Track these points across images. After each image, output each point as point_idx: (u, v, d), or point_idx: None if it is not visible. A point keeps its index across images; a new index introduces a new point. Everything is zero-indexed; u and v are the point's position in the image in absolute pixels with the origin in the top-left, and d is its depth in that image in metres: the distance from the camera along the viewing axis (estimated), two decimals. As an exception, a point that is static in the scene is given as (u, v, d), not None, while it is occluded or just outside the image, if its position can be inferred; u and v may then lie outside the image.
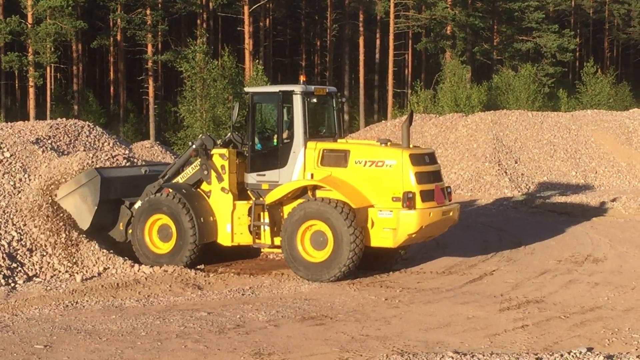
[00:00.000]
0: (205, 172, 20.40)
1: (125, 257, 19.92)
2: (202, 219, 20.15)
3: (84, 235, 20.02)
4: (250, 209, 20.03)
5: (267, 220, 19.85)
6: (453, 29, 74.62)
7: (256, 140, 20.34)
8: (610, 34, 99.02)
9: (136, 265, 19.59)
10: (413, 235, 18.93)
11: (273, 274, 19.79)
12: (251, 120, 20.32)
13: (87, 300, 16.86)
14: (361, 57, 75.03)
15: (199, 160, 20.58)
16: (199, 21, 74.33)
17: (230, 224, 20.24)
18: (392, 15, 72.70)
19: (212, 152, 20.40)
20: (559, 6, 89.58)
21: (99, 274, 19.11)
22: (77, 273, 18.90)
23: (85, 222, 20.81)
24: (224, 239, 20.44)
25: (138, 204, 21.06)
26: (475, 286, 18.65)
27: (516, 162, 38.35)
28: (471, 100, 58.43)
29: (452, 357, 12.38)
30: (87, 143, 23.81)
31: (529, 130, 42.39)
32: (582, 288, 18.31)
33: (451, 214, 19.87)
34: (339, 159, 19.42)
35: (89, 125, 24.35)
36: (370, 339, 14.04)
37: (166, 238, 20.43)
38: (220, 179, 20.27)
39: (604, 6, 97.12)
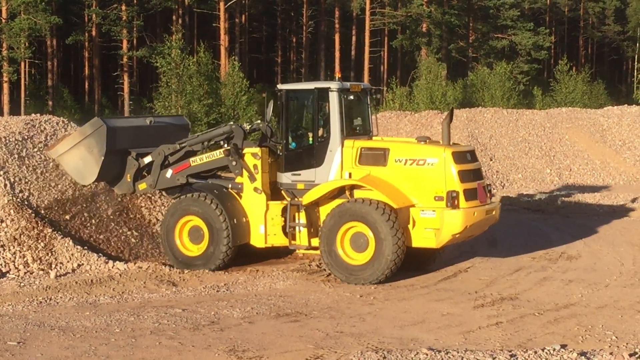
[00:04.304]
0: (234, 163, 20.01)
1: (100, 254, 19.83)
2: (235, 220, 19.74)
3: (58, 232, 19.92)
4: (283, 209, 19.62)
5: (302, 221, 19.42)
6: (429, 26, 74.73)
7: (290, 138, 19.86)
8: (585, 32, 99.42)
9: (110, 262, 19.49)
10: (457, 235, 18.52)
11: (248, 271, 19.75)
12: (285, 118, 19.72)
13: (60, 297, 16.78)
14: (337, 54, 74.98)
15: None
16: (174, 17, 74.14)
17: (264, 225, 19.75)
18: (367, 12, 72.73)
19: (244, 151, 19.94)
20: (534, 4, 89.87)
21: (73, 270, 19.02)
22: (51, 269, 18.81)
23: (91, 175, 20.94)
24: (257, 240, 19.98)
25: (148, 158, 21.08)
26: (449, 283, 18.69)
27: (491, 160, 38.51)
28: (447, 98, 58.52)
29: (427, 354, 12.39)
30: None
31: (504, 127, 42.57)
32: (556, 285, 18.39)
33: (494, 212, 19.57)
34: (378, 157, 18.94)
35: (63, 121, 24.21)
36: (345, 335, 14.04)
37: (197, 240, 20.07)
38: (252, 178, 19.83)
39: (579, 4, 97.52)
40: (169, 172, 21.02)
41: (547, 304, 16.48)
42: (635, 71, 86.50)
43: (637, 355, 12.33)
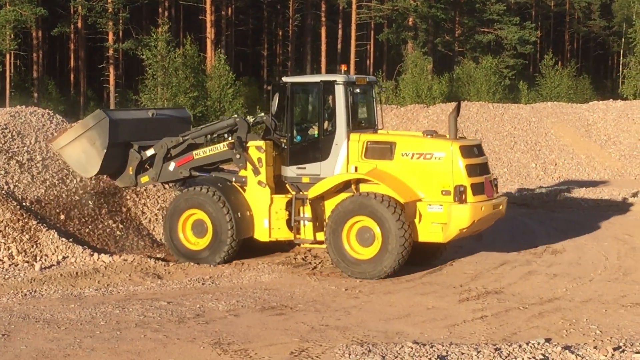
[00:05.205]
0: (238, 156, 19.87)
1: (85, 246, 19.79)
2: (239, 214, 19.60)
3: (43, 224, 19.87)
4: (288, 203, 19.51)
5: (308, 214, 19.31)
6: (415, 20, 74.70)
7: (295, 132, 19.65)
8: (571, 27, 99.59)
9: (95, 254, 19.44)
10: (464, 230, 18.38)
11: (233, 264, 19.71)
12: (290, 111, 19.51)
13: (45, 289, 16.75)
14: (323, 47, 74.93)
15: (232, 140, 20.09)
16: (160, 9, 73.92)
17: (268, 218, 19.61)
18: (354, 6, 72.65)
19: (248, 145, 19.77)
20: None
21: (58, 262, 18.97)
22: (35, 262, 18.76)
23: (93, 168, 20.94)
24: (261, 234, 19.83)
25: (150, 151, 21.00)
26: (435, 277, 18.71)
27: (477, 154, 38.47)
28: (432, 92, 58.46)
29: (412, 348, 12.42)
30: (47, 131, 23.62)
31: (490, 122, 42.66)
32: (540, 279, 18.43)
33: (501, 207, 19.42)
34: (385, 151, 18.79)
35: (49, 113, 24.17)
36: (330, 329, 14.06)
37: (201, 234, 19.95)
38: (256, 172, 19.67)
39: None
40: (171, 165, 20.91)
41: (531, 298, 16.53)
42: (621, 66, 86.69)
43: (621, 349, 12.39)
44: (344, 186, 19.09)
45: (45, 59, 75.03)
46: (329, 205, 19.12)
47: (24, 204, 20.28)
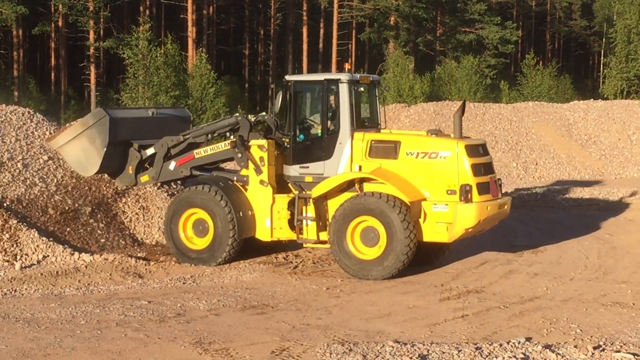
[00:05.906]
0: (240, 155, 19.71)
1: (65, 245, 19.72)
2: (240, 213, 19.46)
3: (23, 223, 19.79)
4: (290, 202, 19.34)
5: (311, 214, 19.14)
6: (396, 20, 74.80)
7: (298, 130, 19.50)
8: (552, 27, 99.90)
9: (76, 253, 19.36)
10: (470, 230, 18.27)
11: (214, 263, 19.69)
12: (293, 110, 19.33)
13: (26, 289, 16.70)
14: (304, 47, 74.96)
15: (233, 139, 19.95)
16: (141, 8, 73.77)
17: (270, 218, 19.45)
18: (335, 5, 72.70)
19: (250, 143, 19.63)
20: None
21: (39, 262, 18.89)
22: (16, 261, 18.68)
23: (93, 166, 20.84)
24: (262, 234, 19.69)
25: (150, 150, 20.90)
26: (415, 276, 18.70)
27: (458, 153, 38.52)
28: (414, 91, 58.61)
29: (393, 347, 12.43)
30: (27, 130, 23.54)
31: (471, 121, 42.72)
32: (521, 278, 18.46)
33: (506, 207, 19.34)
34: (389, 150, 18.66)
35: (29, 112, 24.07)
36: (311, 328, 14.05)
37: (202, 233, 19.82)
38: (258, 171, 19.50)
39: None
40: (172, 164, 20.80)
41: (512, 297, 16.56)
42: (602, 66, 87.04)
43: (601, 348, 12.42)
44: (348, 185, 18.99)
45: (25, 58, 74.85)
46: (332, 204, 19.00)
47: (4, 203, 20.20)
